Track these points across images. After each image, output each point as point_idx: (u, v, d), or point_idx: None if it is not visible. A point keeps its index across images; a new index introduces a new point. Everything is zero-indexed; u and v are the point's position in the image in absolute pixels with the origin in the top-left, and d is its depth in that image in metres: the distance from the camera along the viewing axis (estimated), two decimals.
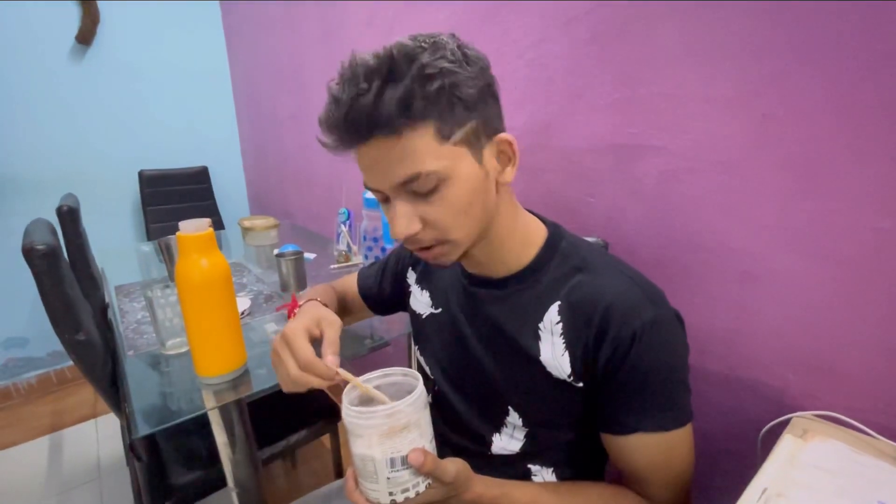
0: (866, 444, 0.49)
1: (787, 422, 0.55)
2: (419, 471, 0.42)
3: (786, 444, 0.50)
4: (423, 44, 0.43)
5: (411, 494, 0.43)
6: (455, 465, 0.45)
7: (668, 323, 0.48)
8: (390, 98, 0.40)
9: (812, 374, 0.58)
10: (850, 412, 0.53)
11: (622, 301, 0.47)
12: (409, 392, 0.45)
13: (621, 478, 0.54)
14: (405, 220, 0.46)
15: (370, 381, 0.49)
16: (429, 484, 0.44)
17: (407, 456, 0.42)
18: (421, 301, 0.67)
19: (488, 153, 0.47)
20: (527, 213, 0.56)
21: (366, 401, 0.48)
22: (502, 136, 0.48)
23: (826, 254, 0.55)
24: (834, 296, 0.55)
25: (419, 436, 0.43)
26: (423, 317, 0.66)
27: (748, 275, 0.62)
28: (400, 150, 0.43)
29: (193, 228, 0.68)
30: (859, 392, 0.55)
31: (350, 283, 0.80)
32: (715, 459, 0.70)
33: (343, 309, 0.78)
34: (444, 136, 0.43)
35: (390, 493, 0.43)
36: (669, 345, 0.48)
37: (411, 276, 0.70)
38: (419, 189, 0.44)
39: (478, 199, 0.47)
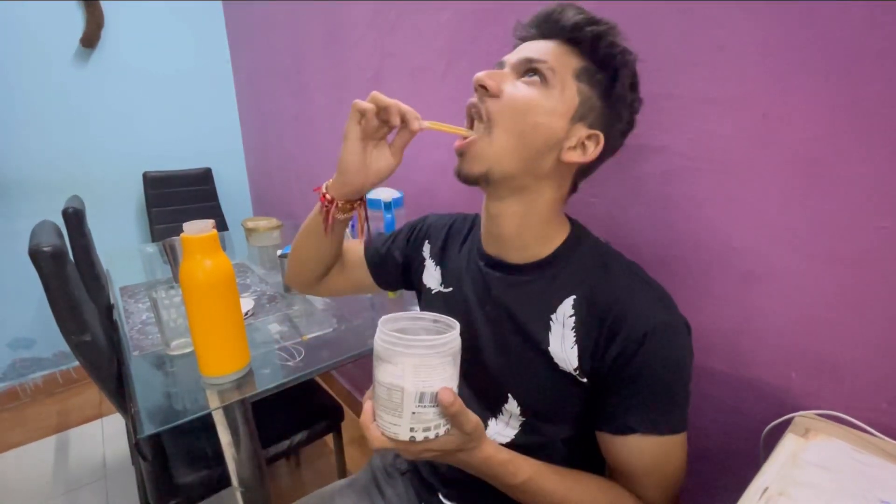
0: (869, 444, 0.49)
1: (789, 421, 0.55)
2: (447, 410, 0.42)
3: (788, 443, 0.50)
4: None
5: (431, 435, 0.42)
6: (476, 418, 0.45)
7: (677, 329, 0.48)
8: (581, 18, 0.49)
9: (815, 373, 0.58)
10: (853, 411, 0.53)
11: (637, 303, 0.48)
12: None
13: (613, 476, 0.54)
14: (498, 74, 0.51)
15: (398, 320, 0.47)
16: (448, 429, 0.44)
17: (437, 393, 0.41)
18: (433, 276, 0.67)
19: (580, 128, 0.50)
20: (563, 214, 0.58)
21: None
22: (601, 133, 0.50)
23: (829, 253, 0.55)
24: (836, 295, 0.55)
25: (450, 377, 0.43)
26: (433, 292, 0.66)
27: (750, 274, 0.62)
28: (556, 50, 0.50)
29: (197, 230, 0.69)
30: (862, 391, 0.54)
31: (353, 244, 0.78)
32: (717, 458, 0.70)
33: (340, 263, 0.76)
34: (578, 77, 0.49)
35: (411, 429, 0.42)
36: (677, 350, 0.48)
37: (426, 250, 0.70)
38: (535, 69, 0.49)
39: (543, 132, 0.49)
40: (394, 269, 0.74)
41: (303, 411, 1.19)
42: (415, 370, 0.40)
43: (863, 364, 0.54)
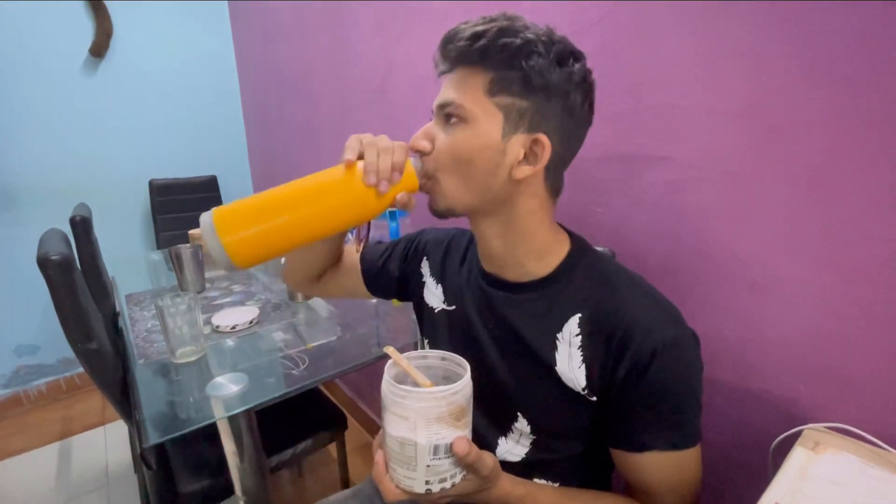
0: (879, 458, 0.49)
1: (798, 434, 0.54)
2: (462, 461, 0.41)
3: (797, 457, 0.49)
4: (539, 25, 0.48)
5: (447, 485, 0.42)
6: (491, 459, 0.45)
7: (686, 342, 0.48)
8: (471, 31, 0.46)
9: (823, 385, 0.58)
10: (863, 424, 0.52)
11: (644, 318, 0.47)
12: (446, 378, 0.44)
13: (628, 490, 0.53)
14: (422, 133, 0.51)
15: (406, 359, 0.46)
16: (464, 475, 0.43)
17: (451, 444, 0.40)
18: (435, 294, 0.66)
19: (518, 140, 0.47)
20: (557, 225, 0.56)
21: (402, 380, 0.45)
22: (541, 136, 0.47)
23: (835, 264, 0.54)
24: (844, 306, 0.55)
25: (464, 424, 0.42)
26: (436, 311, 0.66)
27: (757, 284, 0.62)
28: (460, 79, 0.48)
29: (416, 172, 0.50)
30: (872, 404, 0.54)
31: (350, 251, 0.76)
32: (725, 472, 0.69)
33: (337, 266, 0.74)
34: (491, 91, 0.47)
35: (426, 482, 0.41)
36: (687, 364, 0.48)
37: (426, 267, 0.69)
38: (449, 114, 0.49)
39: (480, 164, 0.48)
40: (388, 281, 0.73)
41: (306, 420, 1.19)
42: (427, 423, 0.40)
43: (873, 376, 0.53)
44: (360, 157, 0.48)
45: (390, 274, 0.73)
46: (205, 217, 0.45)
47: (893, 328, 0.51)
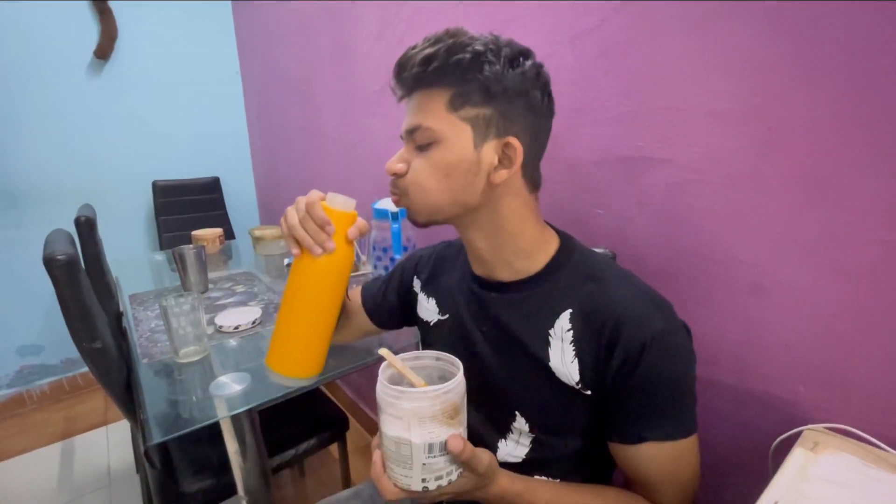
0: (878, 458, 0.49)
1: (798, 434, 0.55)
2: (457, 458, 0.42)
3: (797, 458, 0.50)
4: (483, 34, 0.49)
5: (444, 483, 0.42)
6: (487, 456, 0.45)
7: (676, 333, 0.48)
8: (421, 56, 0.47)
9: (823, 386, 0.58)
10: (862, 425, 0.53)
11: (633, 312, 0.48)
12: (441, 377, 0.44)
13: (627, 484, 0.54)
14: (397, 158, 0.53)
15: (403, 361, 0.47)
16: (461, 473, 0.44)
17: (446, 442, 0.41)
18: (428, 308, 0.67)
19: (490, 147, 0.49)
20: (544, 223, 0.57)
21: (397, 380, 0.46)
22: (511, 139, 0.49)
23: (835, 266, 0.55)
24: (844, 308, 0.55)
25: (458, 423, 0.43)
26: (431, 324, 0.66)
27: (757, 286, 0.62)
28: (420, 102, 0.50)
29: (340, 203, 0.54)
30: (871, 405, 0.54)
31: (353, 294, 0.79)
32: (725, 473, 0.70)
33: (345, 314, 0.76)
34: (454, 107, 0.48)
35: (423, 480, 0.42)
36: (678, 355, 0.48)
37: (416, 284, 0.70)
38: (418, 140, 0.50)
39: (458, 178, 0.50)
40: (390, 310, 0.74)
41: (307, 421, 1.19)
42: (420, 422, 0.40)
43: (872, 377, 0.54)
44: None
45: (390, 303, 0.74)
46: (268, 370, 0.57)
47: (892, 329, 0.51)
